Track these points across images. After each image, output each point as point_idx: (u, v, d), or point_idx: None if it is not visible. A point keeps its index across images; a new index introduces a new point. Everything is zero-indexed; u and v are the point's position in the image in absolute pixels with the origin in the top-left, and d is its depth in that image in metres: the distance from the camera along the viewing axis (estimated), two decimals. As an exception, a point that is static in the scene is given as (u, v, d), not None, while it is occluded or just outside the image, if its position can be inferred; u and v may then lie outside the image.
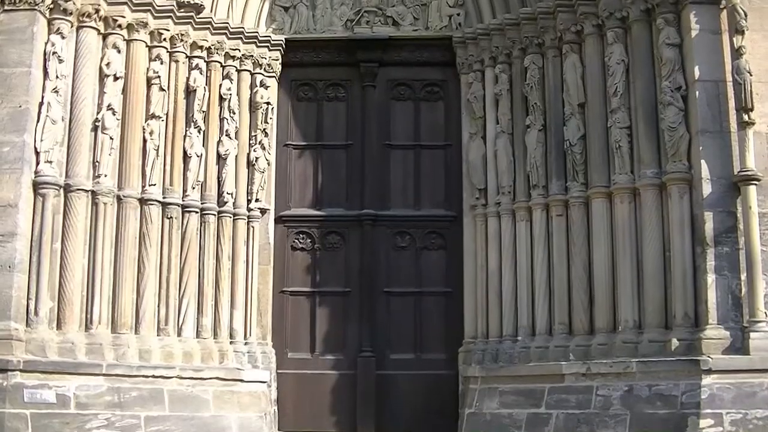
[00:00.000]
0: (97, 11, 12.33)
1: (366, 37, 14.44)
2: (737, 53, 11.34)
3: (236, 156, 13.69)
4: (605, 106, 12.54)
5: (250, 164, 13.84)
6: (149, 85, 12.90)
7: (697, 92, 11.53)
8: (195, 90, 13.27)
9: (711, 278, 11.15)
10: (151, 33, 12.93)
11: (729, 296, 11.12)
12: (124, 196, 12.46)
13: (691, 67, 11.64)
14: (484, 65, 14.01)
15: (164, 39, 13.02)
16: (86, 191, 12.13)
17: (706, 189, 11.32)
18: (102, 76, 12.45)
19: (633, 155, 12.23)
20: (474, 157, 13.88)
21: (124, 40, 12.71)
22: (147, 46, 12.93)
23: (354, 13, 14.55)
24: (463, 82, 14.26)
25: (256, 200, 13.82)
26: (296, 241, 14.23)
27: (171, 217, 12.92)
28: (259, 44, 14.02)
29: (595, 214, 12.48)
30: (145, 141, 12.75)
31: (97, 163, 12.27)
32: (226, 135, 13.56)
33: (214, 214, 13.38)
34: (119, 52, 12.62)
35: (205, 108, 13.38)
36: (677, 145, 11.64)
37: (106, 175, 12.31)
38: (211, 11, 13.57)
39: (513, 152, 13.52)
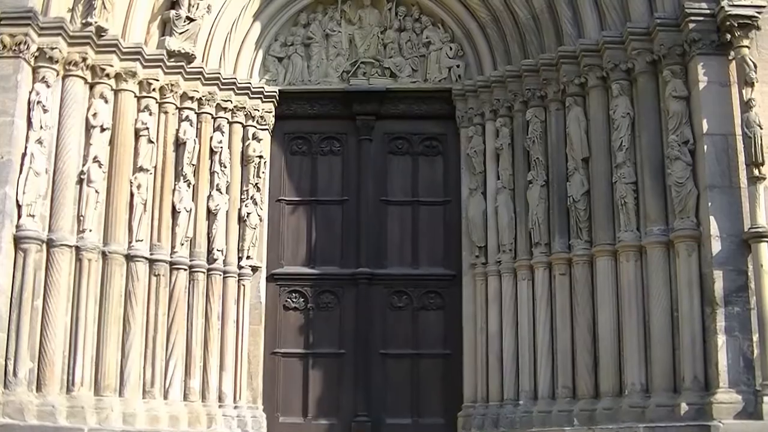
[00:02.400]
0: (84, 60, 12.35)
1: (362, 89, 14.49)
2: (747, 106, 11.32)
3: (227, 211, 13.66)
4: (610, 161, 12.55)
5: (242, 220, 13.79)
6: (137, 136, 12.88)
7: (705, 146, 11.51)
8: (185, 142, 13.25)
9: (721, 339, 11.04)
10: (140, 83, 12.94)
11: (740, 358, 10.99)
12: (109, 252, 12.37)
13: (699, 120, 11.64)
14: (484, 118, 14.04)
15: (153, 89, 13.03)
16: (70, 246, 12.03)
17: (716, 247, 11.24)
18: (88, 127, 12.43)
19: (639, 212, 12.20)
20: (474, 214, 13.85)
21: (112, 89, 12.72)
22: (135, 96, 12.94)
23: (350, 64, 14.60)
24: (463, 136, 14.29)
25: (248, 257, 13.76)
26: (289, 300, 14.12)
27: (158, 275, 12.81)
28: (251, 95, 14.06)
29: (600, 273, 12.41)
30: (132, 195, 12.71)
31: (81, 218, 12.19)
32: (217, 189, 13.54)
33: (204, 272, 13.30)
34: (107, 102, 12.61)
35: (195, 161, 13.36)
36: (685, 201, 11.61)
37: (91, 230, 12.22)
38: (203, 61, 13.63)
39: (514, 208, 13.50)
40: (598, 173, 12.60)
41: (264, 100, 14.19)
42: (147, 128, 12.89)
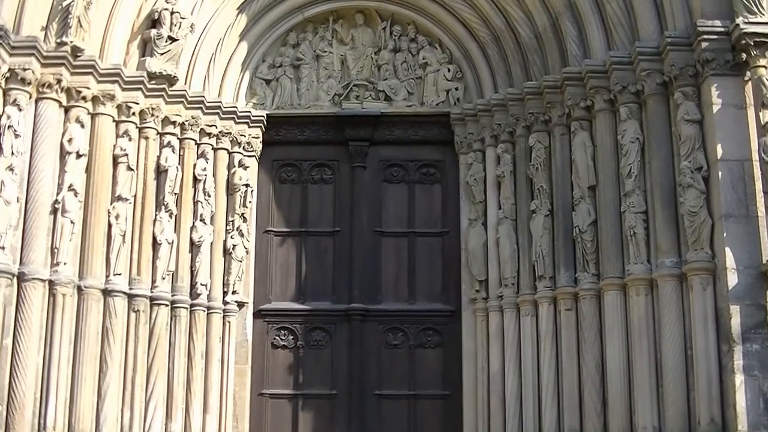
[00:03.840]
0: (58, 81, 12.19)
1: (355, 113, 14.41)
2: (764, 129, 11.16)
3: (211, 243, 13.55)
4: (618, 189, 12.44)
5: (227, 252, 13.68)
6: (116, 163, 12.75)
7: (719, 173, 11.35)
8: (166, 170, 13.13)
9: (739, 379, 10.84)
10: (119, 106, 12.82)
11: (760, 399, 10.78)
12: (85, 287, 12.19)
13: (713, 145, 11.48)
14: (484, 144, 13.96)
15: (133, 113, 12.91)
16: (43, 281, 11.82)
17: (732, 280, 11.07)
18: (63, 153, 12.28)
19: (649, 243, 12.07)
20: (474, 246, 13.75)
21: (89, 113, 12.59)
22: (114, 120, 12.82)
23: (342, 86, 14.54)
24: (462, 163, 14.22)
25: (233, 292, 13.65)
26: (277, 337, 14.00)
27: (138, 311, 12.66)
28: (237, 120, 13.97)
29: (608, 308, 12.27)
30: (110, 225, 12.56)
31: (55, 250, 12.02)
32: (201, 220, 13.42)
33: (186, 308, 13.16)
34: (83, 126, 12.47)
35: (177, 190, 13.25)
36: (699, 231, 11.43)
37: (65, 263, 12.05)
38: (186, 83, 13.54)
39: (517, 240, 13.40)
40: (606, 202, 12.49)
41: (251, 125, 14.10)
42: (126, 154, 12.78)
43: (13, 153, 11.72)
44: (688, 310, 11.49)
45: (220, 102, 13.79)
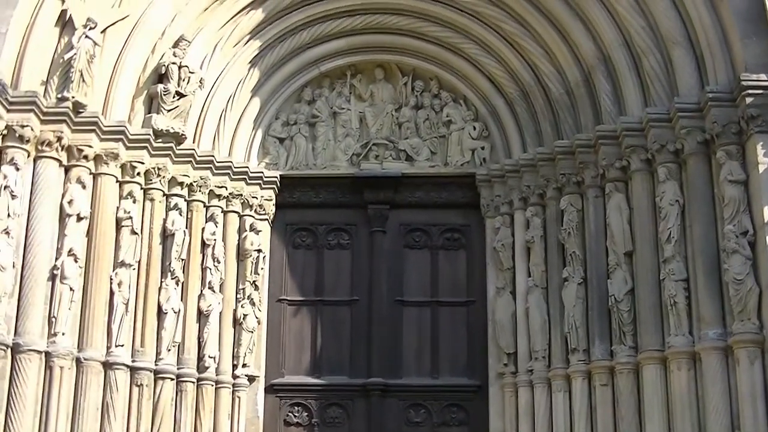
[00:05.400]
0: (59, 139, 12.15)
1: (375, 174, 14.40)
2: (814, 190, 11.08)
3: (220, 312, 13.45)
4: (657, 255, 12.31)
5: (237, 323, 13.59)
6: (119, 227, 12.69)
7: (767, 237, 11.18)
8: (173, 234, 13.08)
9: (791, 462, 10.67)
10: (123, 166, 12.79)
11: (814, 484, 10.61)
12: (85, 359, 12.06)
13: (759, 208, 11.35)
14: (513, 207, 13.91)
15: (138, 173, 12.89)
16: (39, 352, 11.68)
17: (782, 353, 10.93)
18: (63, 216, 12.21)
19: (691, 313, 11.90)
20: (501, 316, 13.63)
21: (91, 173, 12.55)
22: (117, 181, 12.80)
23: (361, 146, 14.53)
24: (489, 228, 14.16)
25: (244, 365, 13.54)
26: (290, 414, 13.90)
27: (141, 385, 12.55)
28: (249, 181, 13.95)
29: (647, 384, 12.08)
30: (112, 293, 12.47)
31: (53, 319, 11.88)
32: (209, 288, 13.35)
33: (193, 382, 13.04)
34: (84, 187, 12.42)
35: (184, 255, 13.19)
36: (745, 300, 11.23)
37: (63, 333, 11.92)
38: (194, 142, 13.53)
39: (548, 310, 13.29)
40: (644, 269, 12.38)
41: (263, 186, 14.10)
42: (130, 217, 12.74)
43: (9, 215, 11.64)
44: (735, 385, 11.28)
45: (231, 162, 13.77)
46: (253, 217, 13.94)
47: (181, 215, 13.24)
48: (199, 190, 13.45)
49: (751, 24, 11.67)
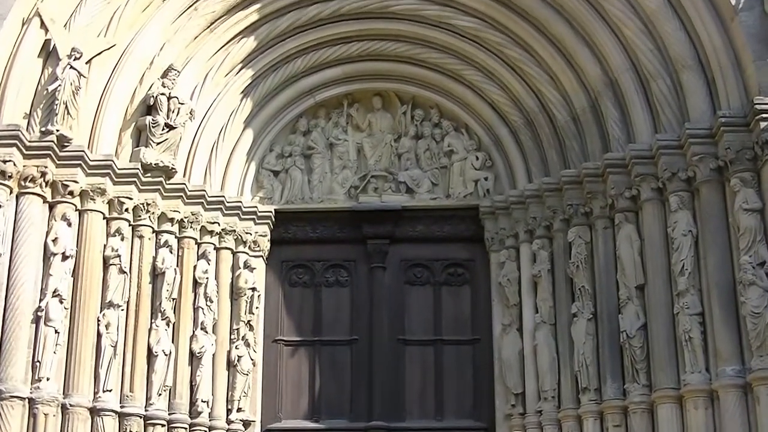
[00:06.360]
0: (43, 175, 12.07)
1: (374, 207, 14.34)
2: (835, 218, 11.03)
3: (214, 354, 13.35)
4: (670, 288, 12.22)
5: (231, 365, 13.49)
6: (106, 266, 12.62)
7: (786, 268, 11.13)
8: (163, 272, 13.01)
9: (814, 505, 10.58)
10: (110, 202, 12.73)
11: None
12: (70, 405, 11.92)
13: (778, 237, 11.30)
14: (518, 240, 13.85)
15: (126, 209, 12.82)
16: (22, 399, 11.53)
17: (804, 389, 10.80)
18: (47, 255, 12.12)
19: (707, 349, 11.78)
20: (508, 355, 13.55)
21: (76, 210, 12.48)
22: (105, 217, 12.72)
23: (359, 178, 14.49)
24: (494, 262, 14.10)
25: (239, 410, 13.43)
26: None
27: (130, 432, 12.44)
28: (242, 216, 13.91)
29: (663, 424, 11.95)
30: (99, 336, 12.37)
31: (37, 363, 11.76)
32: (202, 328, 13.24)
33: (185, 428, 12.92)
34: (69, 225, 12.35)
35: (175, 295, 13.10)
36: (764, 334, 11.08)
37: (48, 379, 11.78)
38: (185, 176, 13.49)
39: (556, 347, 13.19)
40: (657, 303, 12.29)
41: (257, 221, 14.06)
42: (118, 256, 12.68)
43: (-11, 254, 11.58)
44: (755, 424, 11.18)
45: (223, 196, 13.73)
46: (247, 253, 13.87)
47: (171, 253, 13.17)
48: (191, 227, 13.38)
49: (764, 45, 11.64)
